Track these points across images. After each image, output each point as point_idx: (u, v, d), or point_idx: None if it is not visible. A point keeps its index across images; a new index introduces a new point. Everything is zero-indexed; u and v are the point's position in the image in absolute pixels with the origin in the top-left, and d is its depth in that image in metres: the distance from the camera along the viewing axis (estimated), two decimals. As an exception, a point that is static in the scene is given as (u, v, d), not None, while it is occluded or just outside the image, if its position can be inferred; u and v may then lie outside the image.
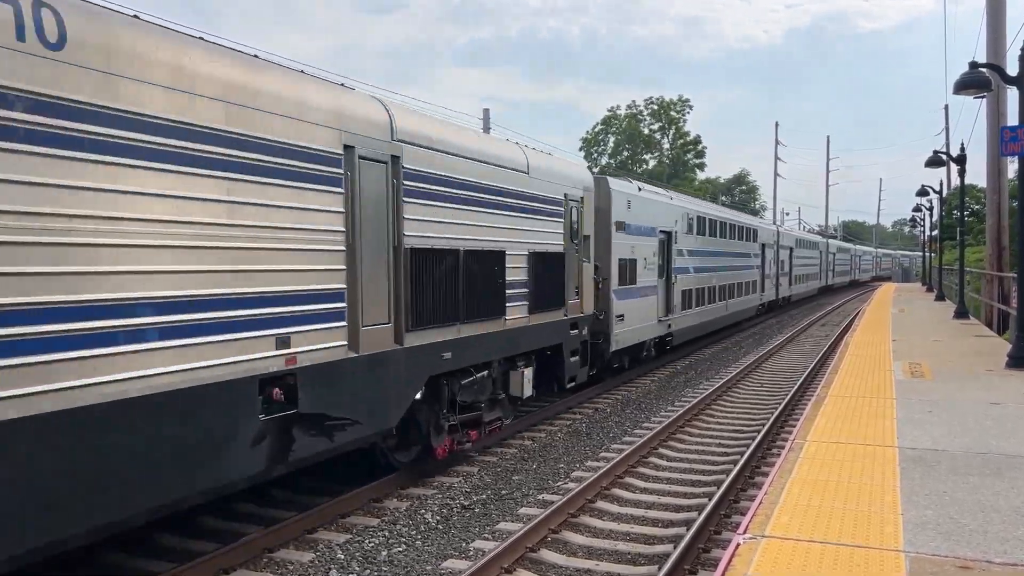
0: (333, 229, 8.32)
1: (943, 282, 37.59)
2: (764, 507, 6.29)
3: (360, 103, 9.09)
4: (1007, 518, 6.00)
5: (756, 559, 5.25)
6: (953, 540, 5.57)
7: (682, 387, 18.99)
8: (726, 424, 14.87)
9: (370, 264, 8.89)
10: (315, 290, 8.03)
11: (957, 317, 24.82)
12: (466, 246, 10.78)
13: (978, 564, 5.15)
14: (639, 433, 13.89)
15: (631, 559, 8.33)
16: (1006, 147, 13.84)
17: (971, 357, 15.31)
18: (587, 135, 76.91)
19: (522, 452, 12.64)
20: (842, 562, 5.20)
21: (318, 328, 8.07)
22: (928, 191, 36.27)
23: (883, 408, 10.16)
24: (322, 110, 8.23)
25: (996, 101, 21.93)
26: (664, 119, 76.93)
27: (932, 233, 48.95)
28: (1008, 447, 8.13)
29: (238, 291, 7.08)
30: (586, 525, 9.23)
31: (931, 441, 8.41)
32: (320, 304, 8.11)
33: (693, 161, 77.60)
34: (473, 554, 8.31)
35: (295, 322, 7.75)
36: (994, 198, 23.41)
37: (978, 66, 14.09)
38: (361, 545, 8.58)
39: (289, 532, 8.68)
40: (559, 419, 15.10)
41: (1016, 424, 9.17)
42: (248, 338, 7.18)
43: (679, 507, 10.00)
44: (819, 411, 10.04)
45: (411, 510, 9.74)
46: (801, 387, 17.58)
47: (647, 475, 11.39)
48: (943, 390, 11.51)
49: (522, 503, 10.14)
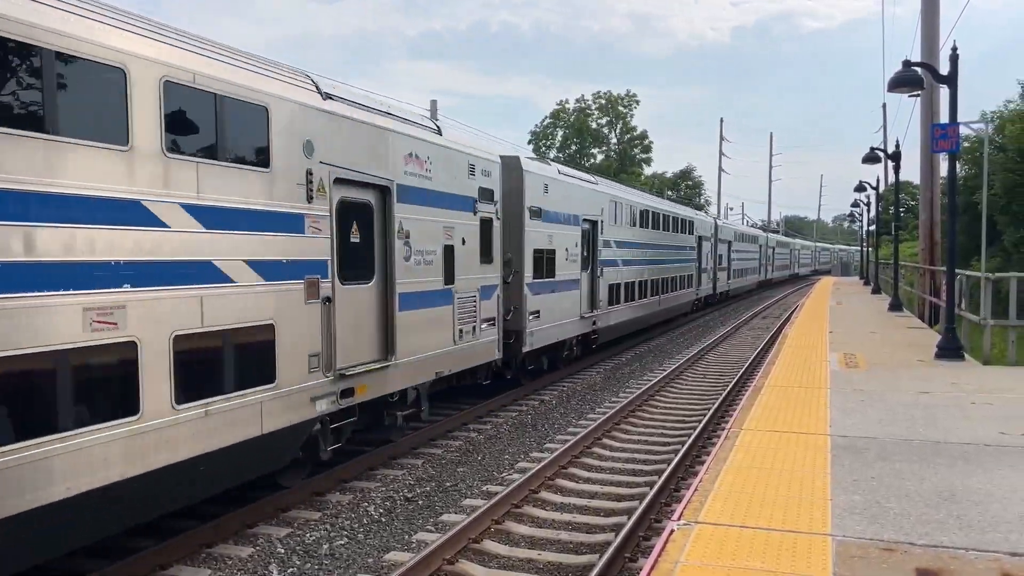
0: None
1: (880, 276, 38.70)
2: (698, 494, 6.43)
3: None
4: (929, 502, 6.24)
5: (689, 545, 5.37)
6: (878, 524, 5.77)
7: (627, 378, 19.21)
8: (669, 414, 15.10)
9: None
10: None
11: (892, 310, 25.63)
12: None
13: (900, 547, 5.34)
14: (584, 424, 14.03)
15: (573, 548, 8.42)
16: (936, 144, 14.32)
17: (904, 348, 15.81)
18: (536, 128, 77.17)
19: (467, 444, 12.67)
20: (772, 546, 5.34)
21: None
22: (865, 187, 37.25)
23: (818, 398, 10.44)
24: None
25: (930, 100, 22.59)
26: (612, 114, 77.54)
27: (870, 228, 50.31)
28: (934, 434, 8.44)
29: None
30: (530, 515, 9.30)
31: (862, 429, 8.68)
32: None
33: (640, 156, 78.35)
34: (416, 546, 8.32)
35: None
36: (927, 194, 24.14)
37: (912, 65, 14.50)
38: (302, 539, 8.52)
39: (228, 527, 8.58)
40: (505, 411, 15.17)
41: (942, 412, 9.52)
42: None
43: (622, 496, 10.13)
44: (756, 401, 10.28)
45: (353, 503, 9.70)
46: (742, 378, 17.94)
47: (591, 465, 11.52)
48: (876, 380, 11.87)
49: (466, 495, 10.17)
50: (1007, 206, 33.70)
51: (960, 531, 5.62)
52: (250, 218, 8.29)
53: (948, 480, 6.80)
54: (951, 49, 13.88)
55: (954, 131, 13.94)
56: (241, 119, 8.26)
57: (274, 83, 8.82)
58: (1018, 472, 7.02)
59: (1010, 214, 33.82)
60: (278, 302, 8.66)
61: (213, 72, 7.85)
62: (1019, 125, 33.47)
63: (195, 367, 7.57)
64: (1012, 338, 14.36)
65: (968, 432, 8.51)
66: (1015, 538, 5.48)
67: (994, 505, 6.15)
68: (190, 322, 7.50)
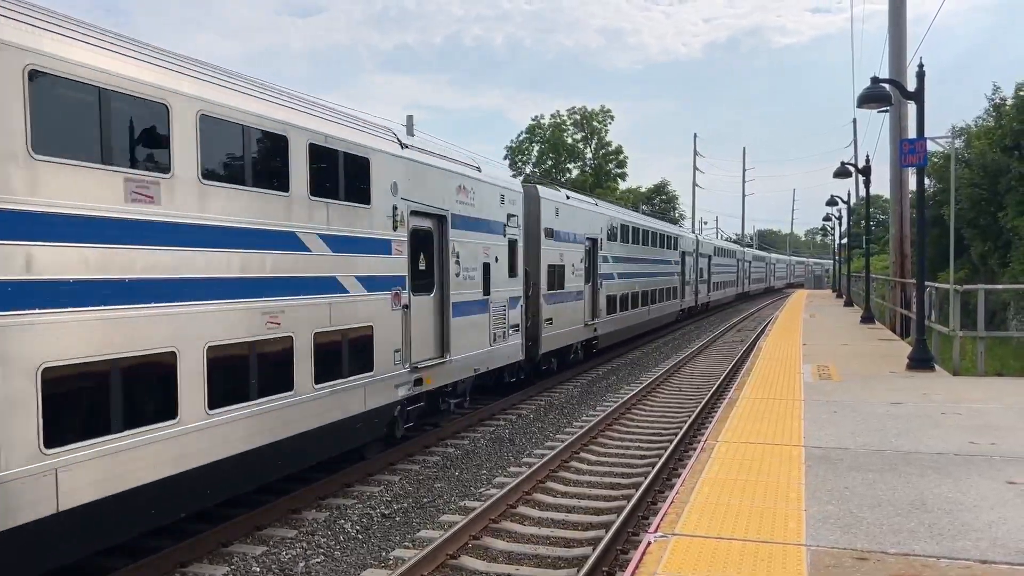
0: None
1: (852, 289, 39.16)
2: (675, 506, 6.48)
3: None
4: (901, 511, 6.33)
5: (666, 557, 5.41)
6: (852, 533, 5.84)
7: (604, 392, 19.27)
8: (646, 427, 15.16)
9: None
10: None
11: (864, 322, 25.93)
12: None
13: (874, 555, 5.41)
14: (562, 438, 14.05)
15: (551, 563, 8.43)
16: (905, 159, 14.55)
17: (876, 360, 16.01)
18: (512, 143, 77.40)
19: (445, 459, 12.64)
20: (747, 557, 5.39)
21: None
22: (837, 201, 37.74)
23: (792, 409, 10.55)
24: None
25: (898, 115, 22.99)
26: (587, 129, 77.98)
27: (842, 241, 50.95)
28: (905, 444, 8.55)
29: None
30: (507, 531, 9.29)
31: (835, 440, 8.78)
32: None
33: (615, 171, 78.78)
34: (393, 563, 8.28)
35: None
36: (897, 208, 24.50)
37: (880, 82, 14.77)
38: (278, 557, 8.45)
39: (203, 545, 8.50)
40: (483, 425, 15.15)
41: (914, 423, 9.66)
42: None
43: (599, 510, 10.16)
44: (731, 413, 10.36)
45: (330, 520, 9.64)
46: (717, 390, 18.06)
47: (569, 479, 11.53)
48: (848, 391, 12.01)
49: (444, 510, 10.14)
50: (974, 220, 34.33)
51: (931, 539, 5.70)
52: (358, 243, 10.82)
53: (919, 489, 6.89)
54: (918, 66, 14.17)
55: (922, 146, 14.20)
56: (353, 167, 10.79)
57: (373, 139, 11.39)
58: (987, 480, 7.14)
59: (977, 227, 34.45)
60: (375, 308, 11.15)
61: (337, 133, 10.41)
62: (985, 141, 34.16)
63: (326, 357, 9.94)
64: (981, 349, 14.60)
65: (939, 442, 8.64)
66: (985, 545, 5.57)
67: (964, 513, 6.25)
68: (323, 323, 9.92)
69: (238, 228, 8.51)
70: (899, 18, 22.93)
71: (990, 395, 11.69)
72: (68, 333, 6.61)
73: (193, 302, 7.90)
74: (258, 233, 8.79)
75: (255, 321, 8.69)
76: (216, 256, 8.20)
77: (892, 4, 23.01)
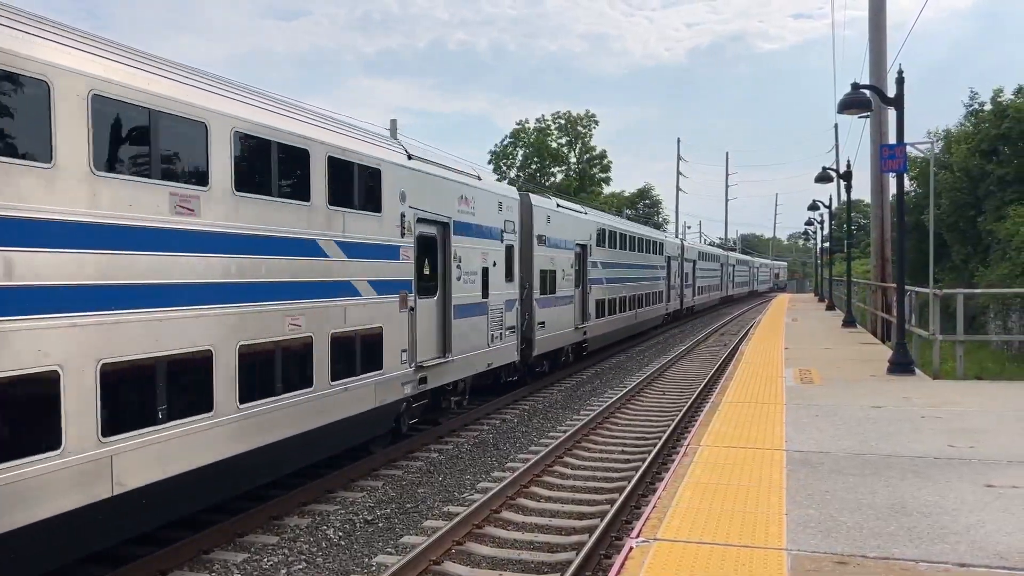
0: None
1: (833, 293, 39.44)
2: (657, 511, 6.49)
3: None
4: (881, 514, 6.37)
5: (648, 562, 5.42)
6: (832, 537, 5.87)
7: (588, 396, 19.30)
8: (629, 431, 15.19)
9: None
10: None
11: (845, 326, 26.13)
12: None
13: (854, 559, 5.45)
14: (545, 442, 14.05)
15: (535, 568, 8.42)
16: (885, 164, 14.70)
17: (857, 363, 16.13)
18: (496, 148, 77.43)
19: (428, 465, 12.61)
20: (729, 561, 5.41)
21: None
22: (819, 205, 38.02)
23: (774, 413, 10.60)
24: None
25: (879, 121, 23.18)
26: (571, 133, 78.14)
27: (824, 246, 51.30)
28: (886, 448, 8.62)
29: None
30: (491, 536, 9.28)
31: (816, 444, 8.83)
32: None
33: (599, 175, 78.98)
34: (376, 569, 8.25)
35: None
36: (878, 213, 24.69)
37: (860, 87, 14.88)
38: (259, 564, 8.40)
39: (184, 552, 8.42)
40: (466, 431, 15.13)
41: (894, 427, 9.73)
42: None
43: (583, 515, 10.16)
44: (713, 417, 10.40)
45: (312, 526, 9.59)
46: (700, 395, 18.12)
47: (552, 484, 11.54)
48: (830, 395, 12.09)
49: (427, 516, 10.12)
50: (955, 224, 34.70)
51: (911, 543, 5.74)
52: (370, 249, 11.46)
53: (899, 493, 6.95)
54: (897, 72, 14.29)
55: (901, 151, 14.33)
56: (366, 178, 11.43)
57: (383, 150, 12.09)
58: (966, 484, 7.20)
59: (957, 231, 34.82)
60: (385, 310, 11.81)
61: (352, 146, 11.01)
62: (965, 146, 34.52)
63: (341, 356, 10.59)
64: (960, 353, 14.74)
65: (918, 445, 8.71)
66: (963, 549, 5.62)
67: (943, 517, 6.30)
68: (339, 324, 10.53)
69: (265, 236, 9.17)
70: (879, 25, 23.12)
71: (969, 398, 11.81)
72: (121, 333, 7.26)
73: (227, 304, 8.60)
74: (283, 240, 9.46)
75: (279, 322, 9.37)
76: (246, 262, 8.91)
77: (872, 11, 23.21)
